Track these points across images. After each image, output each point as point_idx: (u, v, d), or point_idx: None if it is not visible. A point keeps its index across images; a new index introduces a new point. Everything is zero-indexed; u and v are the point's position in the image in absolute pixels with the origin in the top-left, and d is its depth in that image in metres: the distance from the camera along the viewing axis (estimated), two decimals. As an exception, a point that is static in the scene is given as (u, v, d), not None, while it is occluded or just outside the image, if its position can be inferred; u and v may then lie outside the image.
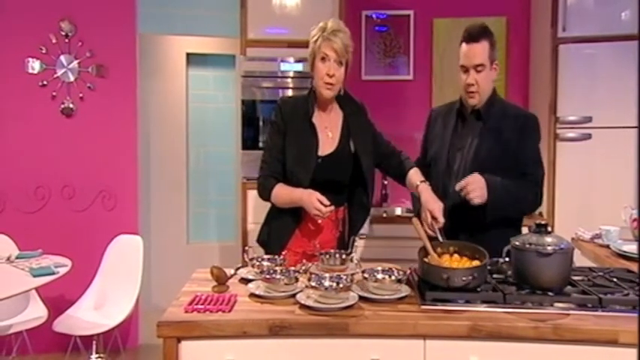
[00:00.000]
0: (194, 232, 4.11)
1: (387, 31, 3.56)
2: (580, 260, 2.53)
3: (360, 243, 3.01)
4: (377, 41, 3.58)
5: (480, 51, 1.79)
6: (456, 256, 1.59)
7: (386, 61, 3.58)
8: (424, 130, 2.07)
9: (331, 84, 1.79)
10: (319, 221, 1.79)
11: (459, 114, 1.93)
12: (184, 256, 3.92)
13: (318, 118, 1.87)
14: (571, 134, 3.02)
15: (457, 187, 1.71)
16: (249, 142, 3.14)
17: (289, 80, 3.15)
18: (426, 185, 1.82)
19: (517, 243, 1.46)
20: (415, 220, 1.67)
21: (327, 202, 1.72)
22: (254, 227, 3.00)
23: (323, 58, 1.77)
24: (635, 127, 2.86)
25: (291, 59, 3.09)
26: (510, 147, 1.81)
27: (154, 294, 3.71)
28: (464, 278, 1.42)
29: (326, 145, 1.85)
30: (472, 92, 1.83)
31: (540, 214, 3.15)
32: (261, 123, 3.17)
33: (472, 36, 1.81)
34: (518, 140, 1.82)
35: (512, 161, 1.80)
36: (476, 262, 1.51)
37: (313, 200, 1.72)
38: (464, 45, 1.83)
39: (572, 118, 3.01)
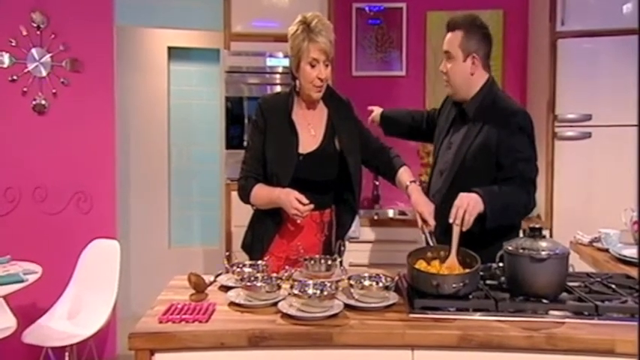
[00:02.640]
0: (176, 236, 4.08)
1: (380, 25, 3.55)
2: (579, 265, 2.54)
3: (350, 247, 3.00)
4: (368, 35, 3.57)
5: (450, 39, 1.85)
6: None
7: (378, 57, 3.57)
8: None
9: (322, 86, 1.81)
10: (299, 221, 1.77)
11: (457, 108, 1.94)
12: (166, 261, 3.88)
13: (299, 115, 1.87)
14: (570, 133, 3.03)
15: (451, 220, 1.60)
16: (233, 141, 3.13)
17: (277, 76, 3.13)
18: (416, 186, 1.82)
19: (510, 248, 1.45)
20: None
21: (306, 201, 1.72)
22: (238, 231, 2.96)
23: (312, 65, 1.77)
24: (637, 126, 2.87)
25: (280, 54, 3.08)
26: (494, 146, 1.76)
27: (134, 301, 3.67)
28: (454, 285, 1.41)
29: (308, 142, 1.85)
30: (445, 81, 1.89)
31: (538, 216, 3.17)
32: (246, 121, 3.16)
33: (449, 24, 1.87)
34: (502, 139, 1.76)
35: (497, 161, 1.76)
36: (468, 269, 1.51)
37: (291, 199, 1.71)
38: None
39: (571, 116, 3.02)
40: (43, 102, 3.04)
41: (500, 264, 1.54)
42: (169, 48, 3.92)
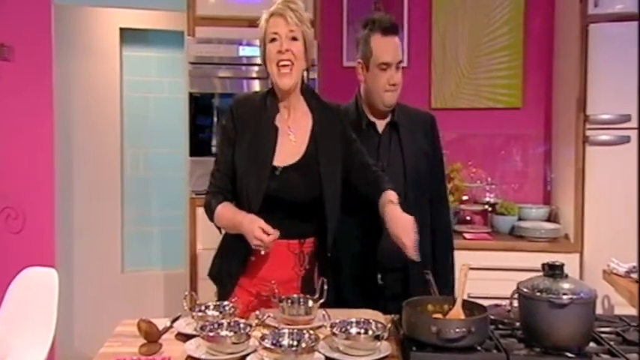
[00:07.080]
0: (131, 258, 4.06)
1: (376, 2, 3.54)
2: (615, 298, 2.56)
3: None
4: (362, 17, 3.56)
5: (398, 45, 2.03)
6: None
7: (374, 43, 3.57)
8: None
9: (286, 65, 1.79)
10: (262, 252, 1.77)
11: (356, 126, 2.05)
12: (118, 289, 3.88)
13: (279, 119, 1.87)
14: (604, 137, 3.05)
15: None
16: (200, 146, 3.13)
17: (255, 68, 3.12)
18: (395, 207, 1.77)
19: (525, 289, 1.46)
20: (465, 267, 1.61)
21: (272, 231, 1.70)
22: (206, 254, 2.97)
23: (273, 39, 1.81)
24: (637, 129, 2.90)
25: (258, 42, 3.06)
26: (425, 152, 2.08)
27: (79, 339, 3.66)
28: (457, 330, 1.41)
29: (287, 152, 1.84)
30: (392, 93, 2.03)
31: (566, 236, 3.18)
32: (215, 119, 3.16)
33: (392, 27, 2.02)
34: (429, 145, 2.10)
35: (430, 169, 2.09)
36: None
37: (254, 228, 1.70)
38: (380, 37, 2.01)
39: (605, 116, 3.05)
40: (-36, 98, 3.02)
41: (515, 302, 1.54)
42: (122, 29, 3.90)
